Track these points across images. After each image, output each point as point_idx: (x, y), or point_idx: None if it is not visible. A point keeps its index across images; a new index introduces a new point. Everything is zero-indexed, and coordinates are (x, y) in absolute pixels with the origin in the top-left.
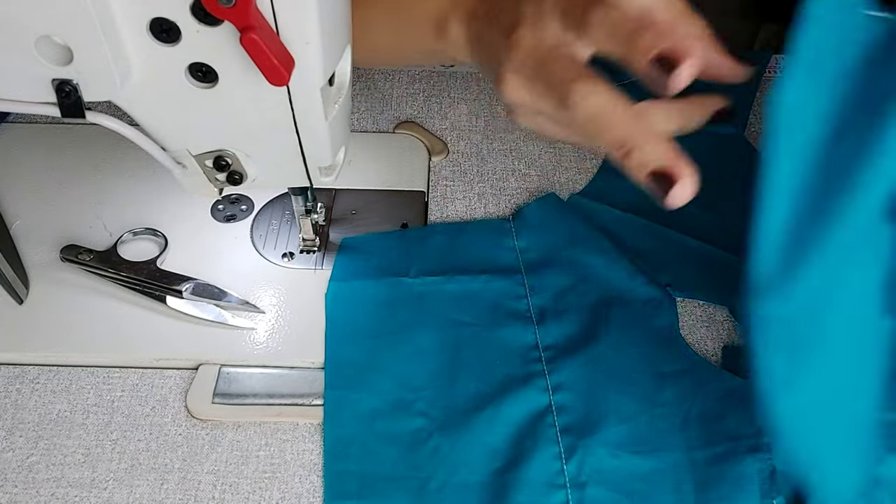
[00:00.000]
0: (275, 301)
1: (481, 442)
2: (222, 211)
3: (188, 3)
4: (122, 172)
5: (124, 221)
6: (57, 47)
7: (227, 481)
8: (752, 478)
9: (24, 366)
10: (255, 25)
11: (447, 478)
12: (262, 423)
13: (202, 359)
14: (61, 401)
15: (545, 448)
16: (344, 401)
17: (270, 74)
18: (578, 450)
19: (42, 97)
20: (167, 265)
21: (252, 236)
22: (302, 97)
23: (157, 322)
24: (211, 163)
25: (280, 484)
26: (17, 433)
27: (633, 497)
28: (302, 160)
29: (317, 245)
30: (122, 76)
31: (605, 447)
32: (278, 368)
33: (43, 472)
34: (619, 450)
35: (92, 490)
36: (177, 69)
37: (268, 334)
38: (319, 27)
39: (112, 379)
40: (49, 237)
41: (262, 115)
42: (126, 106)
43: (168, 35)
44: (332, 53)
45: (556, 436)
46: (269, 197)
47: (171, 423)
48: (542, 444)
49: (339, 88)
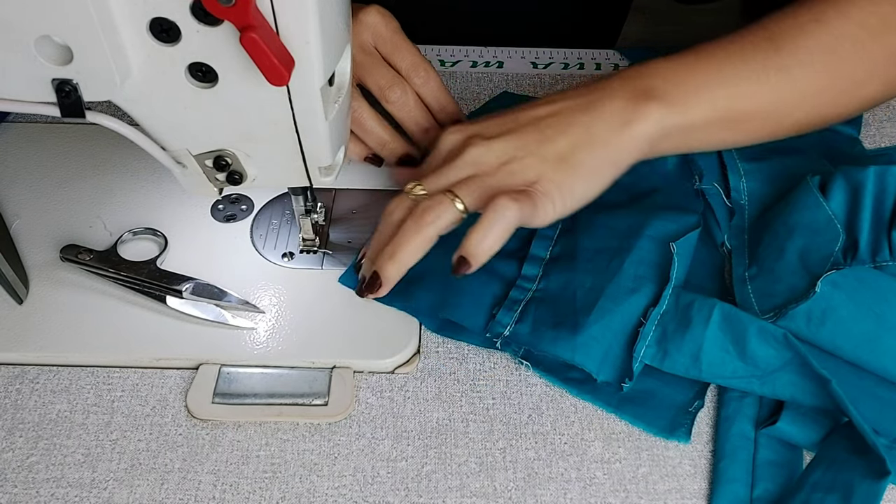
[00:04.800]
0: (275, 301)
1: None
2: (222, 211)
3: (188, 2)
4: (122, 172)
5: (124, 221)
6: (57, 47)
7: (227, 481)
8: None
9: (24, 366)
10: (255, 25)
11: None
12: (262, 423)
13: (202, 359)
14: (61, 401)
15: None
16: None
17: (270, 74)
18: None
19: (42, 97)
20: (167, 265)
21: (252, 236)
22: (302, 97)
23: (157, 322)
24: (211, 162)
25: (280, 484)
26: (17, 433)
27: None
28: (302, 160)
29: (317, 245)
30: (121, 76)
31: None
32: (278, 368)
33: (43, 472)
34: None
35: (92, 490)
36: (177, 69)
37: (268, 334)
38: (319, 27)
39: (112, 379)
40: (49, 237)
41: (262, 115)
42: (126, 106)
43: (168, 35)
44: (332, 53)
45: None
46: (269, 197)
47: (172, 423)
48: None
49: (339, 88)
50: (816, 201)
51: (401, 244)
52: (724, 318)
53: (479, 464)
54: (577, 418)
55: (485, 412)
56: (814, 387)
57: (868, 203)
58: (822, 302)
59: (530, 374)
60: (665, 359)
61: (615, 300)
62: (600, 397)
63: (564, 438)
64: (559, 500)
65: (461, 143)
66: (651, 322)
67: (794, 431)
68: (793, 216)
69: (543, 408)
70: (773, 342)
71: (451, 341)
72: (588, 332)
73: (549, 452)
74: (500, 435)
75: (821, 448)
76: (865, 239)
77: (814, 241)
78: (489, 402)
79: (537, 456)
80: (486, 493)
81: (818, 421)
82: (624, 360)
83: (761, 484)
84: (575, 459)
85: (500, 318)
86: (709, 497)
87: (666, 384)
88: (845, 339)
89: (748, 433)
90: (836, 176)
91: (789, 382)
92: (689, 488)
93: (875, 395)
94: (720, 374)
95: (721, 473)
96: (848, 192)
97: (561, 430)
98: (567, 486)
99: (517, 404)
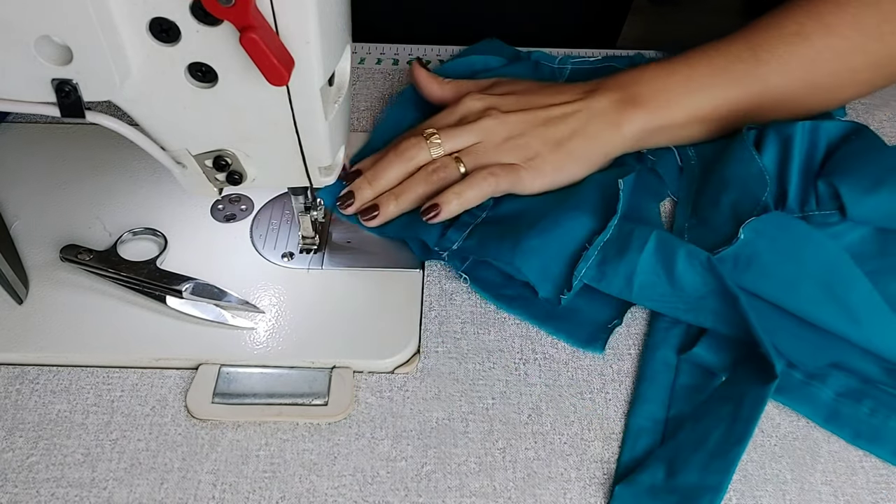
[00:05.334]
0: (275, 301)
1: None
2: (222, 211)
3: (188, 2)
4: (122, 172)
5: (124, 221)
6: (57, 47)
7: (226, 481)
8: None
9: (24, 366)
10: (255, 25)
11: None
12: (261, 423)
13: (202, 359)
14: (61, 401)
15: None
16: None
17: (270, 74)
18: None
19: (42, 97)
20: (167, 265)
21: (252, 236)
22: (302, 97)
23: (157, 322)
24: (211, 163)
25: (280, 484)
26: (17, 433)
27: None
28: (302, 160)
29: (317, 244)
30: (121, 76)
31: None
32: (278, 368)
33: (43, 472)
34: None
35: (92, 490)
36: (176, 69)
37: (268, 334)
38: (319, 27)
39: (112, 379)
40: (49, 237)
41: (262, 115)
42: (126, 106)
43: (168, 35)
44: (332, 53)
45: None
46: (269, 197)
47: (171, 422)
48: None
49: (339, 88)
50: (750, 155)
51: (407, 191)
52: (659, 244)
53: (479, 464)
54: (577, 418)
55: (484, 412)
56: (733, 316)
57: (797, 156)
58: (747, 248)
59: (530, 374)
60: (602, 280)
61: (556, 222)
62: (530, 312)
63: (564, 438)
64: (559, 500)
65: (479, 111)
66: (595, 247)
67: (710, 357)
68: (727, 170)
69: (543, 408)
70: (699, 267)
71: (450, 341)
72: (528, 244)
73: (548, 452)
74: (499, 435)
75: (730, 370)
76: (794, 190)
77: (745, 193)
78: (489, 402)
79: (537, 456)
80: (485, 493)
81: (732, 348)
82: (563, 277)
83: (677, 405)
84: (574, 459)
85: (450, 235)
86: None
87: (590, 303)
88: (767, 283)
89: (671, 360)
90: (769, 131)
91: (711, 311)
92: None
93: (794, 334)
94: (649, 297)
95: (641, 394)
96: (779, 145)
97: (560, 430)
98: (567, 486)
99: (517, 404)
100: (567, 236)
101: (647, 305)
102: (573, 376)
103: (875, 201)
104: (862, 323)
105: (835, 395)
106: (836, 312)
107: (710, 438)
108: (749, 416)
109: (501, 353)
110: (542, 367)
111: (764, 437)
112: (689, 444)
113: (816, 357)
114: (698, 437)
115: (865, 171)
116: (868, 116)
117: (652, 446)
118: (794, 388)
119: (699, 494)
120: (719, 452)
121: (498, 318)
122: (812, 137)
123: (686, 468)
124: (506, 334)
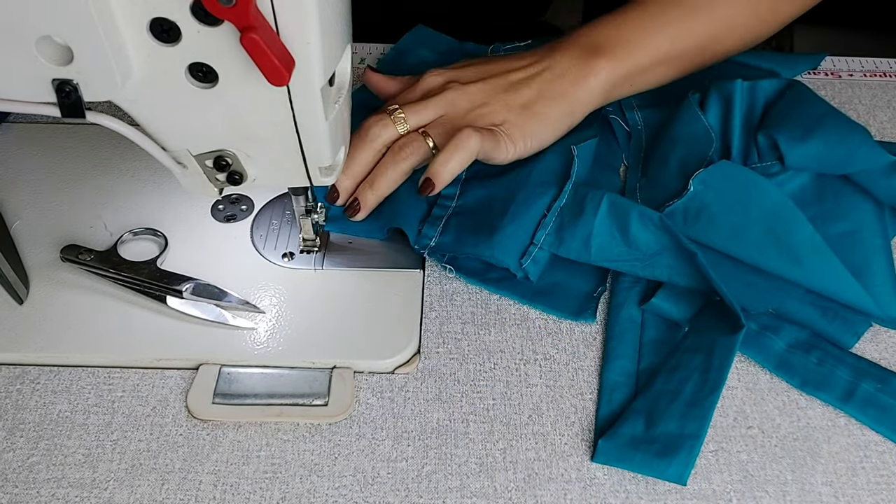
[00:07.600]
0: (275, 301)
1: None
2: (222, 211)
3: (188, 3)
4: (122, 172)
5: (124, 221)
6: (57, 47)
7: (227, 481)
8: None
9: (25, 366)
10: (256, 25)
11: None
12: (262, 424)
13: (202, 359)
14: (62, 401)
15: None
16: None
17: (270, 74)
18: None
19: (42, 97)
20: (167, 265)
21: (252, 236)
22: (302, 97)
23: (158, 322)
24: (211, 163)
25: (280, 484)
26: (17, 433)
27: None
28: (302, 160)
29: (317, 245)
30: (122, 76)
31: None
32: (278, 368)
33: (43, 472)
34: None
35: (92, 490)
36: (177, 69)
37: (268, 334)
38: (319, 27)
39: (112, 379)
40: (49, 237)
41: (262, 115)
42: (126, 106)
43: (168, 35)
44: (332, 53)
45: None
46: (269, 197)
47: (172, 423)
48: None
49: (339, 88)
50: (695, 115)
51: (379, 176)
52: (611, 206)
53: (480, 464)
54: (577, 419)
55: (485, 413)
56: (688, 268)
57: (738, 113)
58: (695, 200)
59: (530, 375)
60: (561, 245)
61: (525, 203)
62: (517, 291)
63: (564, 439)
64: (559, 501)
65: (440, 85)
66: (552, 214)
67: (669, 307)
68: (675, 129)
69: (543, 408)
70: (652, 227)
71: (451, 342)
72: (503, 232)
73: (549, 453)
74: (500, 435)
75: (692, 321)
76: (737, 145)
77: (693, 150)
78: (489, 403)
79: (537, 456)
80: (486, 494)
81: (691, 299)
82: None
83: (646, 359)
84: (575, 460)
85: (426, 231)
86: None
87: (572, 276)
88: (717, 232)
89: (636, 317)
90: (711, 91)
91: (666, 265)
92: (690, 488)
93: (745, 280)
94: (607, 258)
95: (611, 351)
96: (721, 104)
97: (561, 430)
98: (567, 487)
99: (517, 405)
100: (537, 212)
101: (606, 265)
102: (574, 377)
103: (808, 148)
104: (804, 263)
105: (786, 345)
106: (780, 255)
107: (686, 388)
108: (721, 365)
109: (502, 353)
110: (542, 368)
111: (764, 438)
112: (666, 395)
113: (763, 301)
114: (674, 387)
115: (799, 121)
116: (868, 117)
117: (627, 399)
118: (749, 337)
119: (679, 442)
120: (695, 401)
121: (498, 319)
122: (751, 95)
123: (665, 418)
124: (506, 335)
